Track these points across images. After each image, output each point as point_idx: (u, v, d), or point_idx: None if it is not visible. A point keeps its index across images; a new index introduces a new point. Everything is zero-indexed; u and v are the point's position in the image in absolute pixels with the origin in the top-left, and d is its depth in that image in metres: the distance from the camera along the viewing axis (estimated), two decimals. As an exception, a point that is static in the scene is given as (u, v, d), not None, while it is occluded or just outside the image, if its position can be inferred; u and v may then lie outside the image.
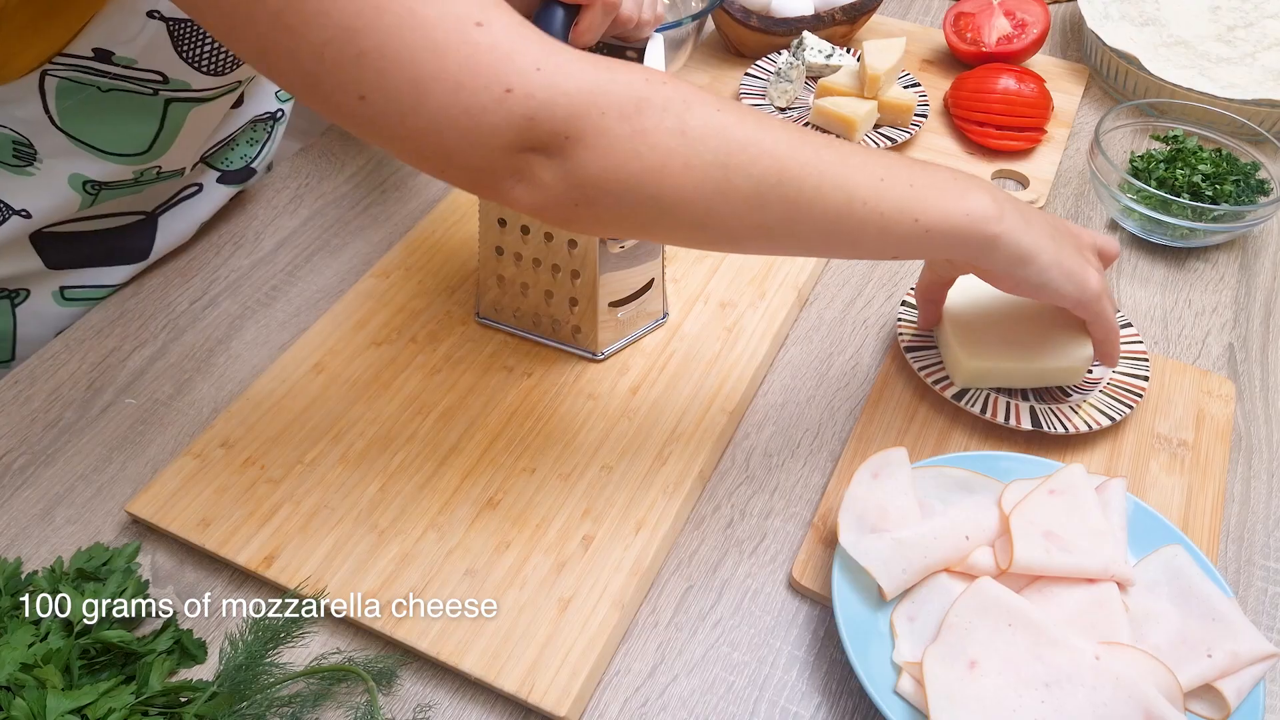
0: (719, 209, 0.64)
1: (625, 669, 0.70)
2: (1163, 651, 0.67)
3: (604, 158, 0.60)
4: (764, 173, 0.63)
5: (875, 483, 0.74)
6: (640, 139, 0.60)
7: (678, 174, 0.61)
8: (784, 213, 0.65)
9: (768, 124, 0.65)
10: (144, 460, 0.82)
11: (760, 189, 0.64)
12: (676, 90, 0.62)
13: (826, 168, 0.65)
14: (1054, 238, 0.74)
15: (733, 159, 0.62)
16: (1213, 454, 0.83)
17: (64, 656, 0.65)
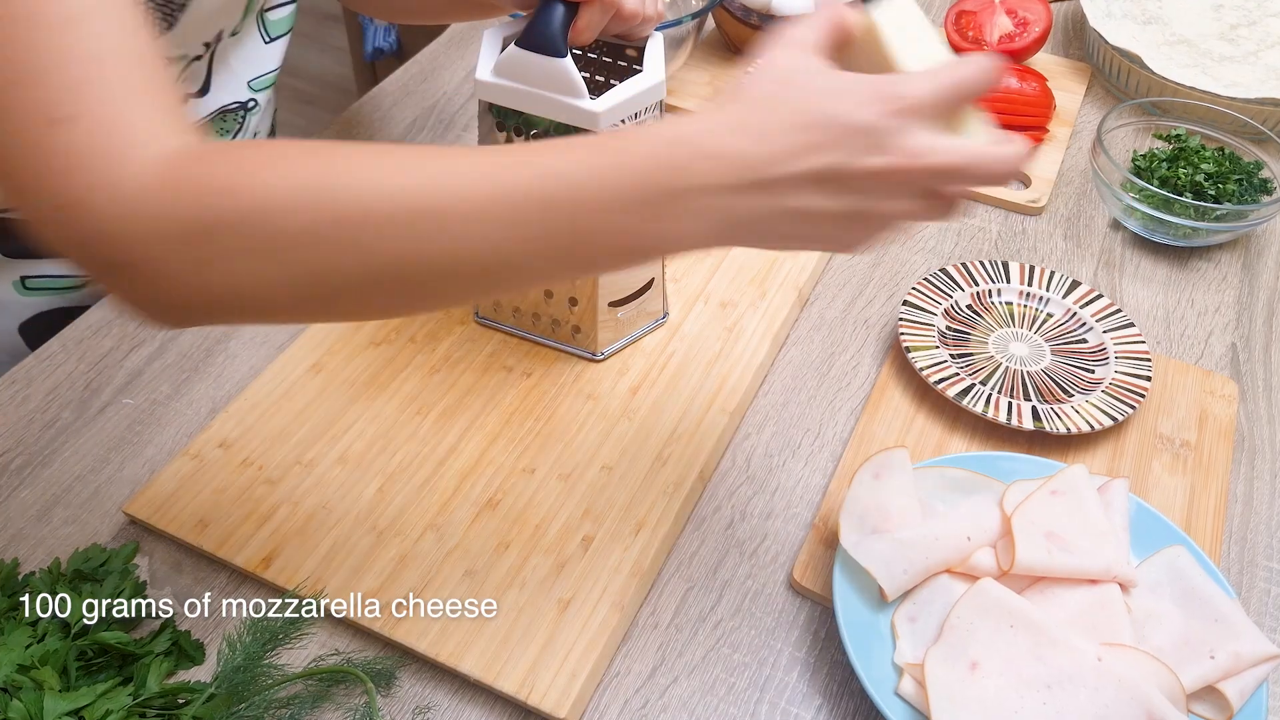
0: (331, 309, 0.58)
1: (625, 670, 0.71)
2: (1165, 653, 0.67)
3: (169, 289, 0.53)
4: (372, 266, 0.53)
5: (876, 483, 0.74)
6: (207, 269, 0.52)
7: (265, 292, 0.53)
8: (416, 291, 0.55)
9: (374, 211, 0.52)
10: (142, 461, 0.82)
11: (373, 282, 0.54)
12: (262, 197, 0.52)
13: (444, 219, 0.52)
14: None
15: (330, 262, 0.52)
16: (1215, 454, 0.83)
17: (61, 658, 0.65)
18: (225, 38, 0.93)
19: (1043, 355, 0.90)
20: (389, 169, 0.53)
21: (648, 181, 0.51)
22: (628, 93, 0.75)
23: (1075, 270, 1.01)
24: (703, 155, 0.51)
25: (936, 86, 0.52)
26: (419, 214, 0.52)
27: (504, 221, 0.52)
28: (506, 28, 0.79)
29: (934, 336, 0.90)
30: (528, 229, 0.52)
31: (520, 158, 0.53)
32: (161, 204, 0.52)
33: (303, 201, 0.52)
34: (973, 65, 0.53)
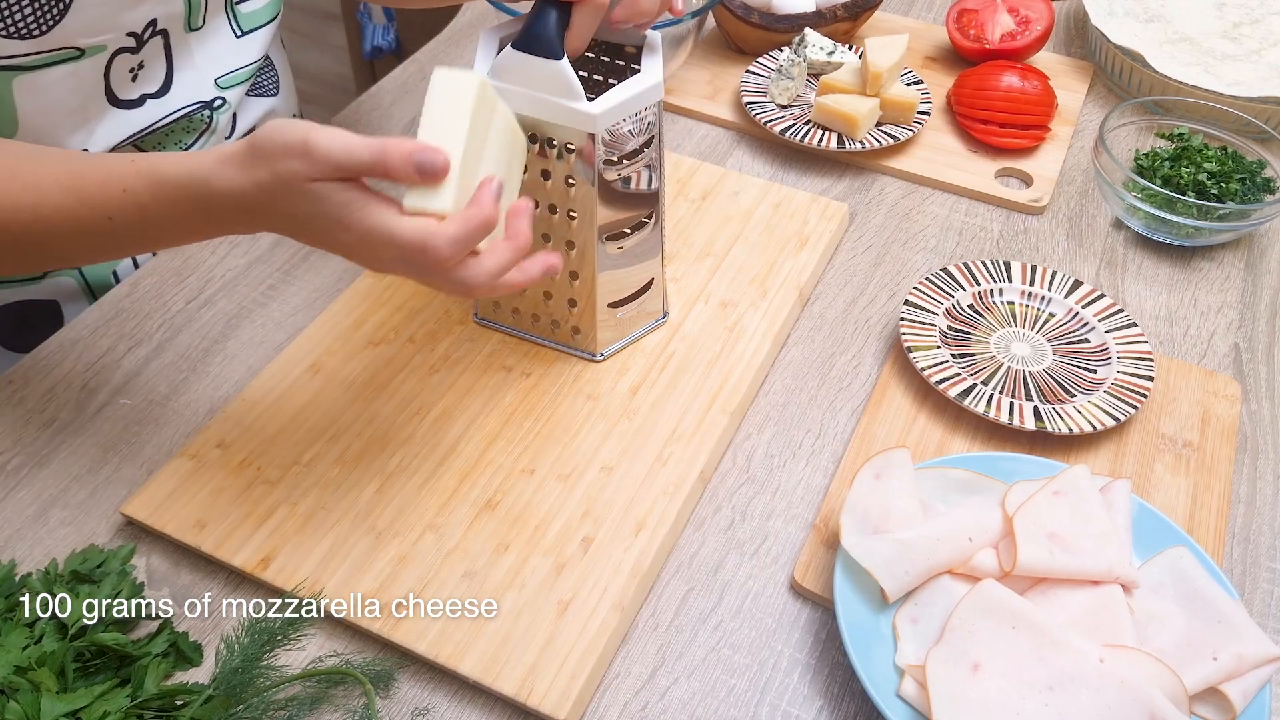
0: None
1: (625, 672, 0.71)
2: (1168, 654, 0.67)
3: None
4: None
5: (878, 484, 0.74)
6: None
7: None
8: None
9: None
10: (139, 461, 0.82)
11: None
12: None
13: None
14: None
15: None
16: (1218, 455, 0.83)
17: (58, 659, 0.65)
18: (184, 32, 0.92)
19: (1045, 355, 0.90)
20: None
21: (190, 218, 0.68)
22: (625, 94, 0.75)
23: (1077, 270, 1.01)
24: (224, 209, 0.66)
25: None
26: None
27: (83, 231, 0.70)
28: (503, 29, 0.79)
29: (935, 336, 0.90)
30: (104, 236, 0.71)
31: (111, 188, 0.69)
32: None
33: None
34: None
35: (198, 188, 0.66)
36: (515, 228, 0.67)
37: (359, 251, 0.65)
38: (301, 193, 0.63)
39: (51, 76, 0.83)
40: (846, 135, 1.11)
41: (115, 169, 0.69)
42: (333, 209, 0.63)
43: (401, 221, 0.62)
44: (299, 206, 0.64)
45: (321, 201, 0.63)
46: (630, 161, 0.79)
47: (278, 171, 0.63)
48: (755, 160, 1.13)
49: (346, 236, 0.64)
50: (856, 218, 1.06)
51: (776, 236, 0.99)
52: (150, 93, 0.92)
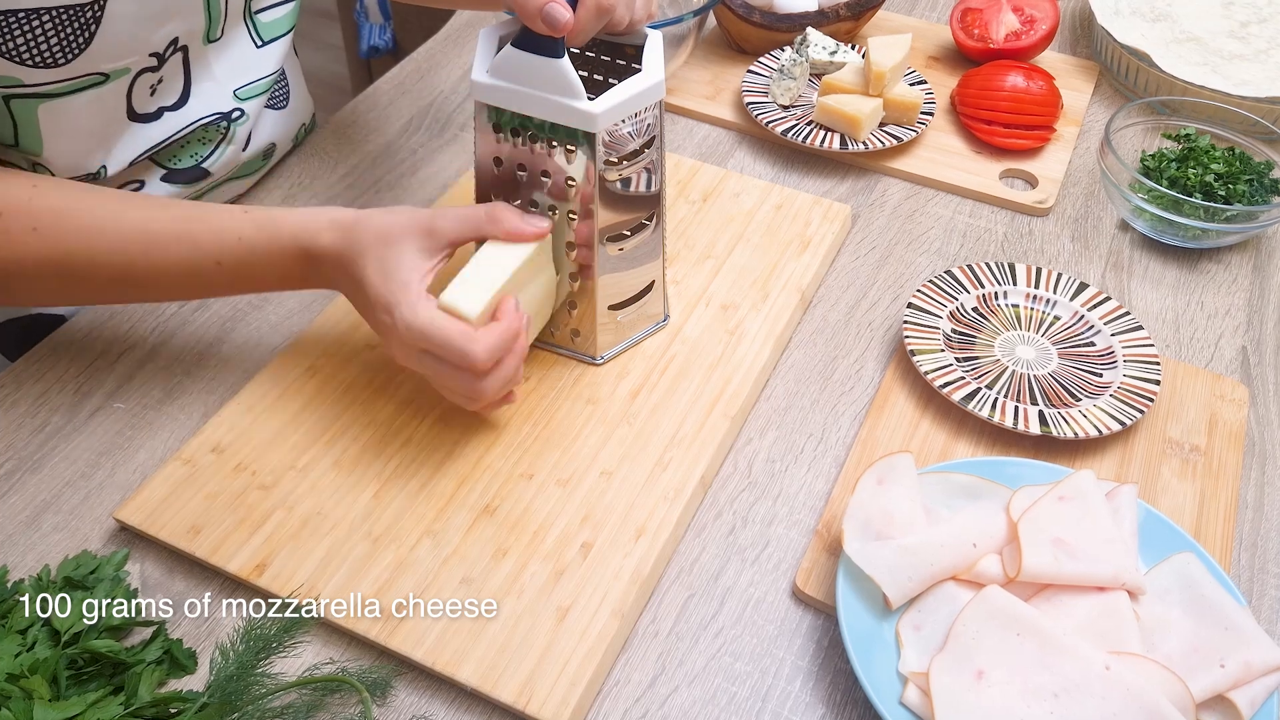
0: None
1: (625, 679, 0.71)
2: (1174, 661, 0.67)
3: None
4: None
5: (880, 489, 0.74)
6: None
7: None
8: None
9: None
10: (133, 466, 0.82)
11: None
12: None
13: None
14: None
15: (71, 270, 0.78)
16: (1225, 459, 0.84)
17: (51, 667, 0.65)
18: (202, 44, 0.92)
19: (1050, 358, 0.90)
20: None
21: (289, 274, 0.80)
22: (626, 93, 0.75)
23: (1083, 272, 1.02)
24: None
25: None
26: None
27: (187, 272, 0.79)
28: (502, 27, 0.79)
29: (939, 340, 0.90)
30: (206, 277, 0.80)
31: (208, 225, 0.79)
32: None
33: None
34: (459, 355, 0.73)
35: (310, 240, 0.77)
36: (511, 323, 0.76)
37: (392, 335, 0.74)
38: (385, 254, 0.75)
39: (77, 102, 0.84)
40: (849, 136, 1.11)
41: (230, 220, 0.79)
42: (393, 287, 0.74)
43: (446, 320, 0.73)
44: (375, 271, 0.75)
45: (394, 270, 0.74)
46: (631, 162, 0.79)
47: (385, 229, 0.76)
48: (757, 161, 1.14)
49: (386, 318, 0.74)
50: (859, 219, 1.07)
51: (778, 238, 1.00)
52: (167, 105, 0.93)
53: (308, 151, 1.12)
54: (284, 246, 0.78)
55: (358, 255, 0.75)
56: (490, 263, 0.76)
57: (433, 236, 0.75)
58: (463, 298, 0.73)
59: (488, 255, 0.76)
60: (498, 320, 0.74)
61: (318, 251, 0.77)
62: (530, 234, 0.77)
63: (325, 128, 1.16)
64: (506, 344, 0.74)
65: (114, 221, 0.78)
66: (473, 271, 0.75)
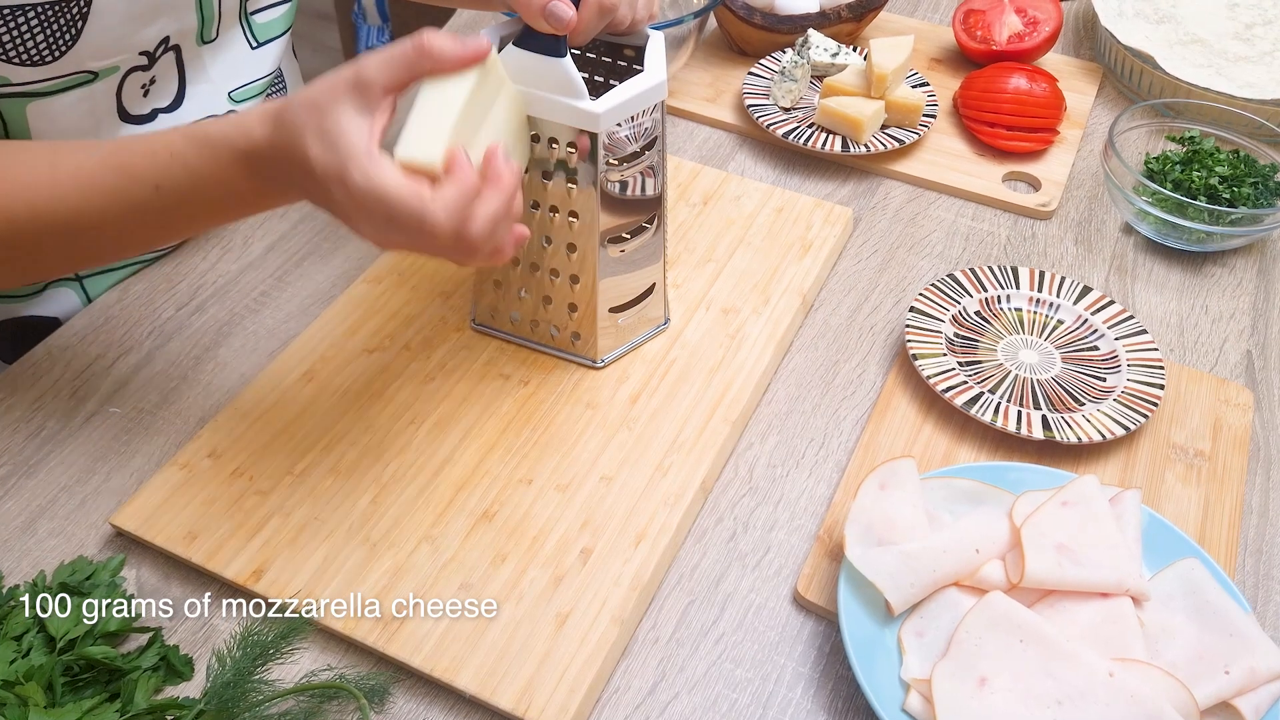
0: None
1: (625, 686, 0.71)
2: (1179, 668, 0.67)
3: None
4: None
5: (882, 494, 0.75)
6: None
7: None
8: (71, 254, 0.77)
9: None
10: (129, 471, 0.82)
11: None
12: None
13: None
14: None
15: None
16: (1230, 464, 0.84)
17: (46, 673, 0.65)
18: (196, 45, 0.92)
19: (1053, 363, 0.90)
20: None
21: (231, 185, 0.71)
22: (629, 93, 0.75)
23: (1086, 276, 1.02)
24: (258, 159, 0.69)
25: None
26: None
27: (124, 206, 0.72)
28: (503, 28, 0.79)
29: (941, 344, 0.90)
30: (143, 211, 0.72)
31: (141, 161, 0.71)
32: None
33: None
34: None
35: (242, 138, 0.68)
36: (494, 169, 0.67)
37: (354, 212, 0.65)
38: (323, 123, 0.65)
39: (65, 101, 0.84)
40: (851, 138, 1.11)
41: (160, 138, 0.71)
42: (340, 153, 0.64)
43: (397, 180, 0.63)
44: (317, 147, 0.65)
45: (336, 136, 0.64)
46: (632, 163, 0.79)
47: (314, 99, 0.65)
48: (758, 164, 1.14)
49: (341, 192, 0.65)
50: (861, 222, 1.07)
51: (779, 242, 1.00)
52: (161, 107, 0.93)
53: (305, 154, 1.12)
54: (218, 153, 0.69)
55: (295, 136, 0.66)
56: (437, 101, 0.67)
57: (365, 89, 0.65)
58: (417, 146, 0.65)
59: (431, 94, 0.67)
60: (451, 172, 0.65)
61: (254, 148, 0.68)
62: (471, 55, 0.68)
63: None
64: (467, 195, 0.65)
65: (48, 170, 0.72)
66: (419, 116, 0.67)
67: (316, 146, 0.65)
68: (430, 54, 0.66)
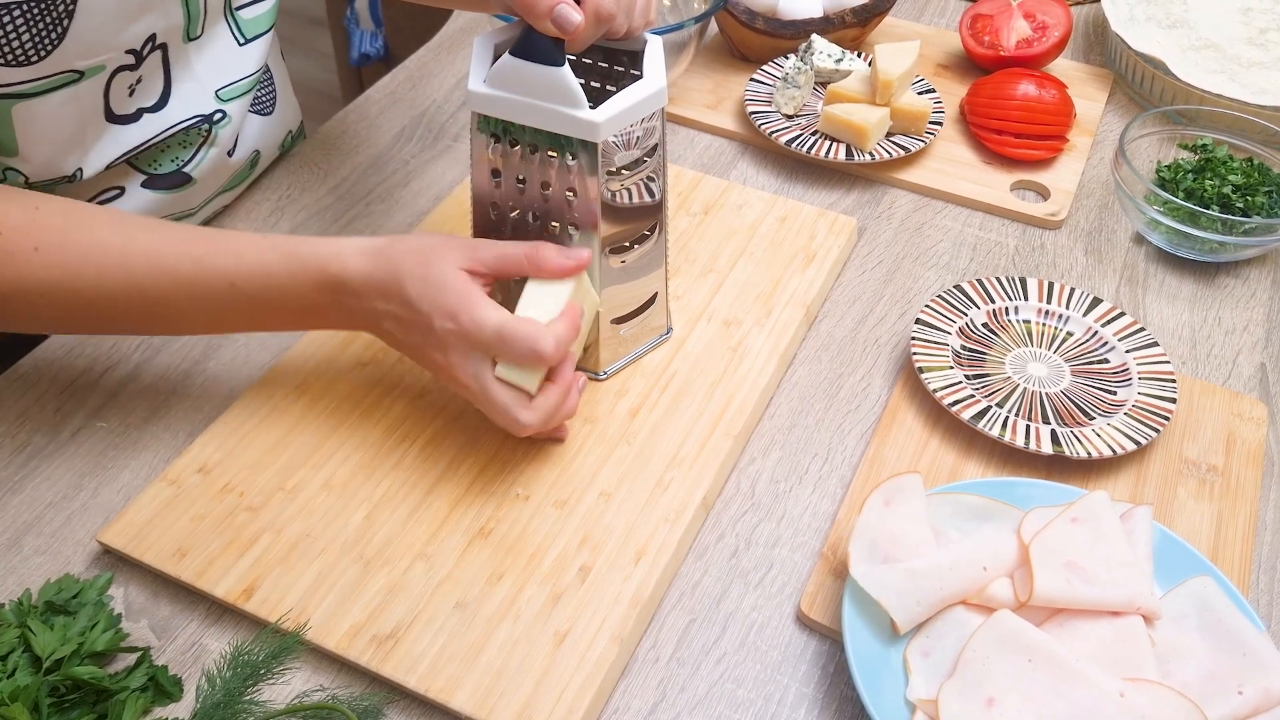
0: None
1: (624, 707, 0.71)
2: (1191, 688, 0.68)
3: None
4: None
5: (888, 510, 0.75)
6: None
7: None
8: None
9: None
10: (116, 487, 0.83)
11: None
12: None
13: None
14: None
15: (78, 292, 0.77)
16: (1244, 479, 0.84)
17: (32, 694, 0.65)
18: (182, 42, 0.93)
19: (1062, 376, 0.91)
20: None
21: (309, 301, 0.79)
22: (628, 101, 0.76)
23: (1096, 287, 1.02)
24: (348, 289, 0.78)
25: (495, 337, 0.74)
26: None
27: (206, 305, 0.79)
28: (497, 35, 0.80)
29: (948, 356, 0.91)
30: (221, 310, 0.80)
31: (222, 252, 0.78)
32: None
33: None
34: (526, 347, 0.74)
35: (335, 263, 0.77)
36: (563, 372, 0.79)
37: (460, 335, 0.74)
38: (428, 272, 0.75)
39: (52, 102, 0.85)
40: (855, 146, 1.12)
41: (246, 240, 0.79)
42: (450, 296, 0.74)
43: (498, 385, 0.76)
44: (418, 288, 0.75)
45: (444, 283, 0.74)
46: (633, 171, 0.80)
47: (425, 249, 0.76)
48: (760, 172, 1.15)
49: (447, 324, 0.74)
50: (865, 232, 1.07)
51: (782, 252, 1.01)
52: (147, 106, 0.93)
53: (296, 162, 1.13)
54: (307, 272, 0.77)
55: (397, 276, 0.75)
56: (541, 298, 0.77)
57: (474, 259, 0.76)
58: (520, 373, 0.75)
59: (535, 292, 0.77)
60: (554, 380, 0.78)
61: (346, 277, 0.76)
62: (573, 267, 0.78)
63: (314, 137, 1.17)
64: (570, 339, 0.76)
65: (122, 242, 0.77)
66: (526, 306, 0.77)
67: (423, 290, 0.74)
68: (542, 264, 0.77)
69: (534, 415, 0.76)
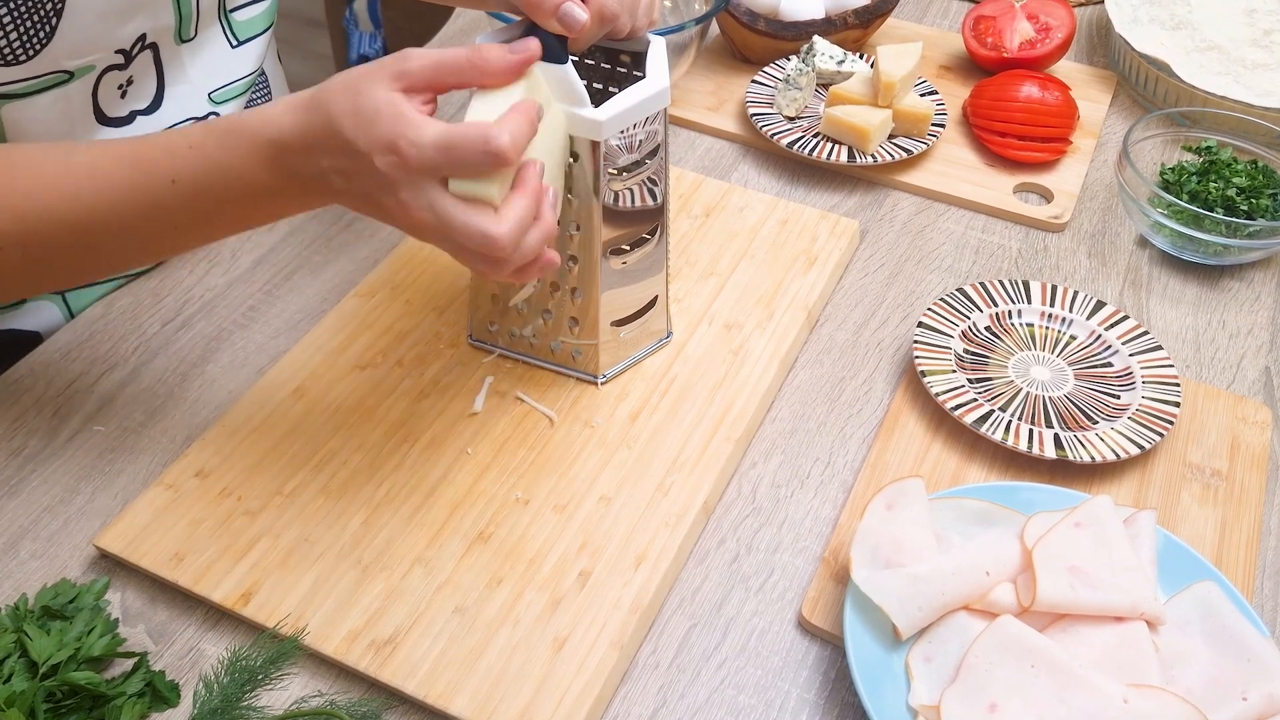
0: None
1: (624, 713, 0.71)
2: (1195, 694, 0.68)
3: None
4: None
5: (890, 515, 0.75)
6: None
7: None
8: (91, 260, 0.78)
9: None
10: (113, 491, 0.83)
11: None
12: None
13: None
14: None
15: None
16: (1248, 484, 0.84)
17: (29, 699, 0.65)
18: (175, 44, 0.93)
19: (1065, 380, 0.91)
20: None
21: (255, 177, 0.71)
22: (631, 100, 0.76)
23: (1100, 290, 1.03)
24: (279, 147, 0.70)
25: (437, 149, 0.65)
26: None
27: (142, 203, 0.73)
28: (498, 35, 0.80)
29: (951, 360, 0.91)
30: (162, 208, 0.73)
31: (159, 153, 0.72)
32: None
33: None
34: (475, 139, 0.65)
35: (267, 127, 0.69)
36: (526, 176, 0.69)
37: (406, 166, 0.66)
38: (358, 103, 0.66)
39: (41, 103, 0.85)
40: (857, 148, 1.12)
41: (179, 132, 0.72)
42: (384, 125, 0.65)
43: (457, 206, 0.66)
44: (351, 123, 0.66)
45: (376, 111, 0.66)
46: (634, 172, 0.80)
47: (350, 81, 0.67)
48: (761, 175, 1.15)
49: (388, 160, 0.66)
50: (867, 235, 1.08)
51: (784, 255, 1.01)
52: (140, 109, 0.93)
53: (295, 164, 1.13)
54: (240, 143, 0.70)
55: (328, 119, 0.67)
56: (488, 107, 0.69)
57: (406, 78, 0.67)
58: (476, 181, 0.67)
59: (482, 102, 0.69)
60: (518, 188, 0.68)
61: (280, 137, 0.69)
62: (520, 61, 0.70)
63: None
64: (528, 134, 0.67)
65: (62, 168, 0.73)
66: (474, 115, 0.69)
67: (359, 127, 0.66)
68: (487, 64, 0.69)
69: (505, 225, 0.66)
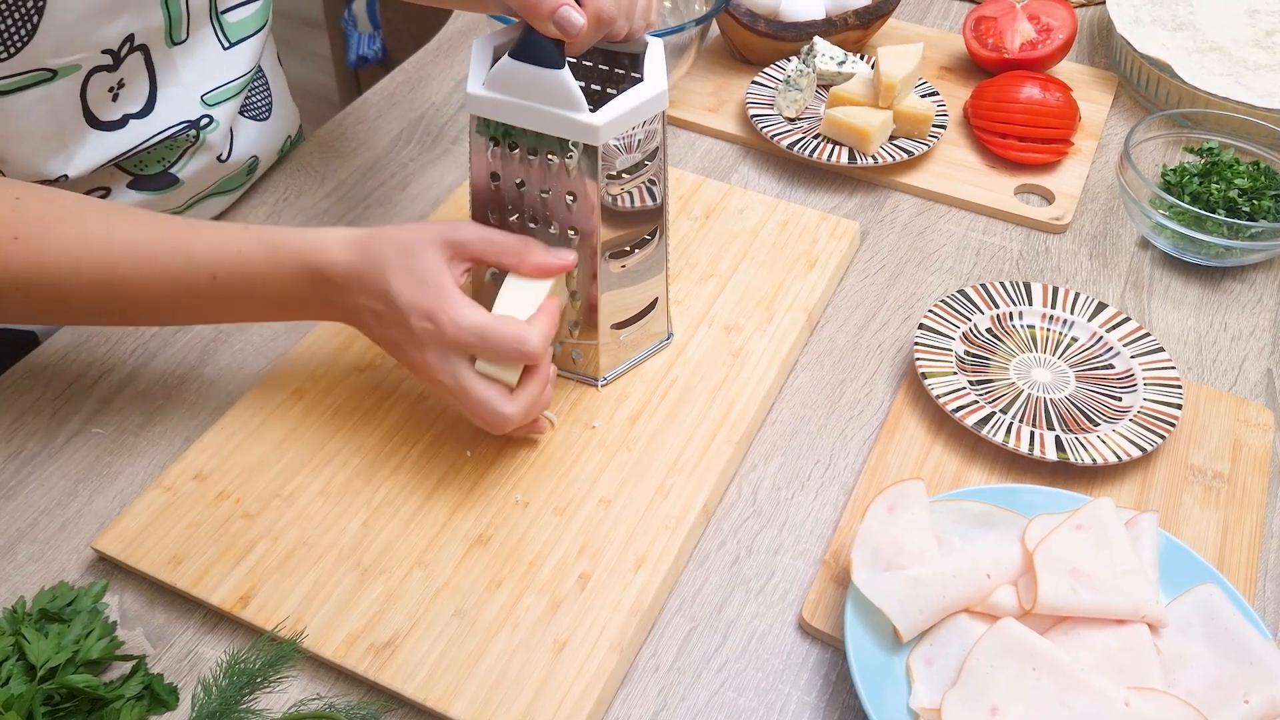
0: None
1: (625, 716, 0.71)
2: (1197, 697, 0.68)
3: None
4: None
5: (891, 517, 0.75)
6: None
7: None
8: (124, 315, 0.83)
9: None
10: (111, 494, 0.83)
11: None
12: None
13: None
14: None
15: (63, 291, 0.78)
16: (1250, 486, 0.84)
17: (27, 703, 0.65)
18: (166, 46, 0.93)
19: (1067, 382, 0.91)
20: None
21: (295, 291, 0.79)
22: (628, 104, 0.76)
23: (1101, 292, 1.03)
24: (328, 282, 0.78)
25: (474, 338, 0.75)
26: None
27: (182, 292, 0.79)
28: (496, 38, 0.80)
29: (952, 362, 0.91)
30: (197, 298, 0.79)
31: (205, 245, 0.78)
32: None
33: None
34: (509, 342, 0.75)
35: (317, 255, 0.77)
36: (541, 366, 0.78)
37: (439, 335, 0.74)
38: (410, 263, 0.75)
39: (24, 101, 0.85)
40: (858, 150, 1.12)
41: (228, 232, 0.79)
42: (430, 294, 0.74)
43: (477, 381, 0.76)
44: (400, 280, 0.75)
45: (424, 277, 0.75)
46: (633, 175, 0.80)
47: (405, 240, 0.76)
48: (761, 176, 1.15)
49: (424, 325, 0.75)
50: (868, 237, 1.08)
51: (784, 256, 1.01)
52: (133, 112, 0.93)
53: (293, 166, 1.14)
54: (288, 263, 0.77)
55: (378, 269, 0.75)
56: (520, 293, 0.78)
57: (456, 247, 0.76)
58: (501, 368, 0.76)
59: (515, 288, 0.79)
60: (532, 374, 0.78)
61: (328, 269, 0.77)
62: (558, 267, 0.79)
63: (312, 141, 1.17)
64: (552, 335, 0.77)
65: (104, 233, 0.77)
66: (505, 303, 0.77)
67: (405, 285, 0.75)
68: (529, 257, 0.78)
69: (516, 407, 0.76)
